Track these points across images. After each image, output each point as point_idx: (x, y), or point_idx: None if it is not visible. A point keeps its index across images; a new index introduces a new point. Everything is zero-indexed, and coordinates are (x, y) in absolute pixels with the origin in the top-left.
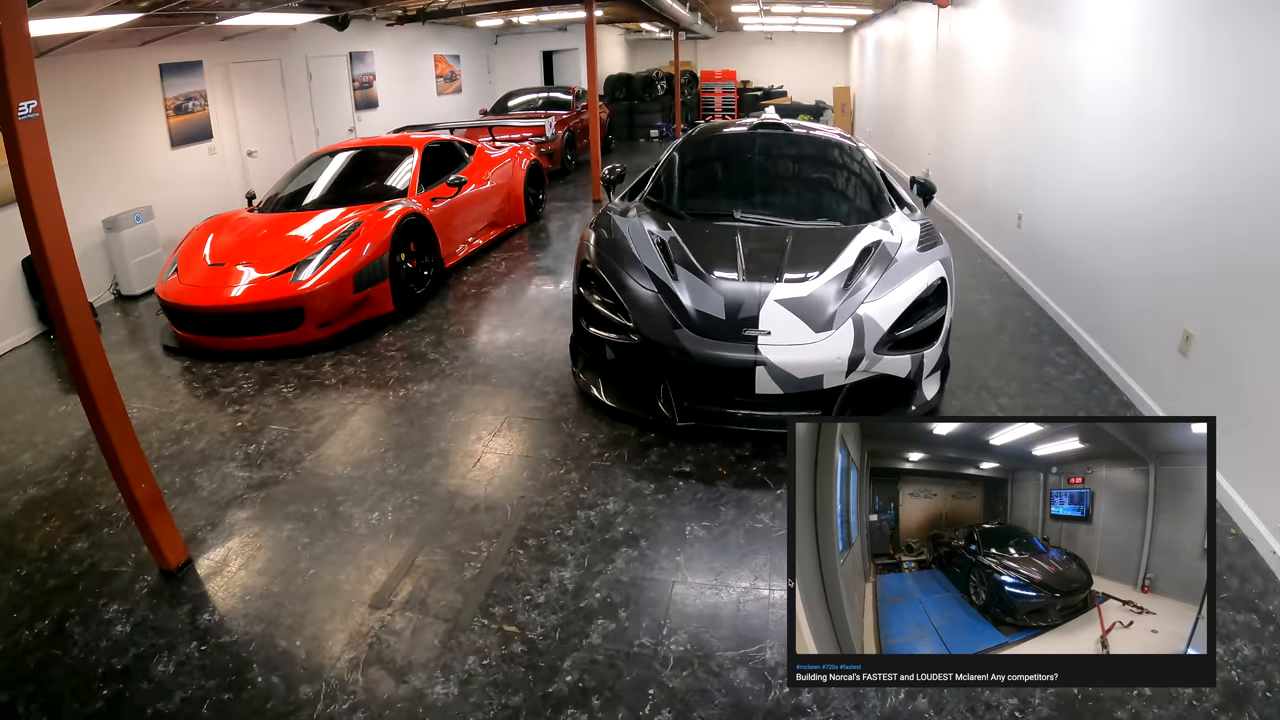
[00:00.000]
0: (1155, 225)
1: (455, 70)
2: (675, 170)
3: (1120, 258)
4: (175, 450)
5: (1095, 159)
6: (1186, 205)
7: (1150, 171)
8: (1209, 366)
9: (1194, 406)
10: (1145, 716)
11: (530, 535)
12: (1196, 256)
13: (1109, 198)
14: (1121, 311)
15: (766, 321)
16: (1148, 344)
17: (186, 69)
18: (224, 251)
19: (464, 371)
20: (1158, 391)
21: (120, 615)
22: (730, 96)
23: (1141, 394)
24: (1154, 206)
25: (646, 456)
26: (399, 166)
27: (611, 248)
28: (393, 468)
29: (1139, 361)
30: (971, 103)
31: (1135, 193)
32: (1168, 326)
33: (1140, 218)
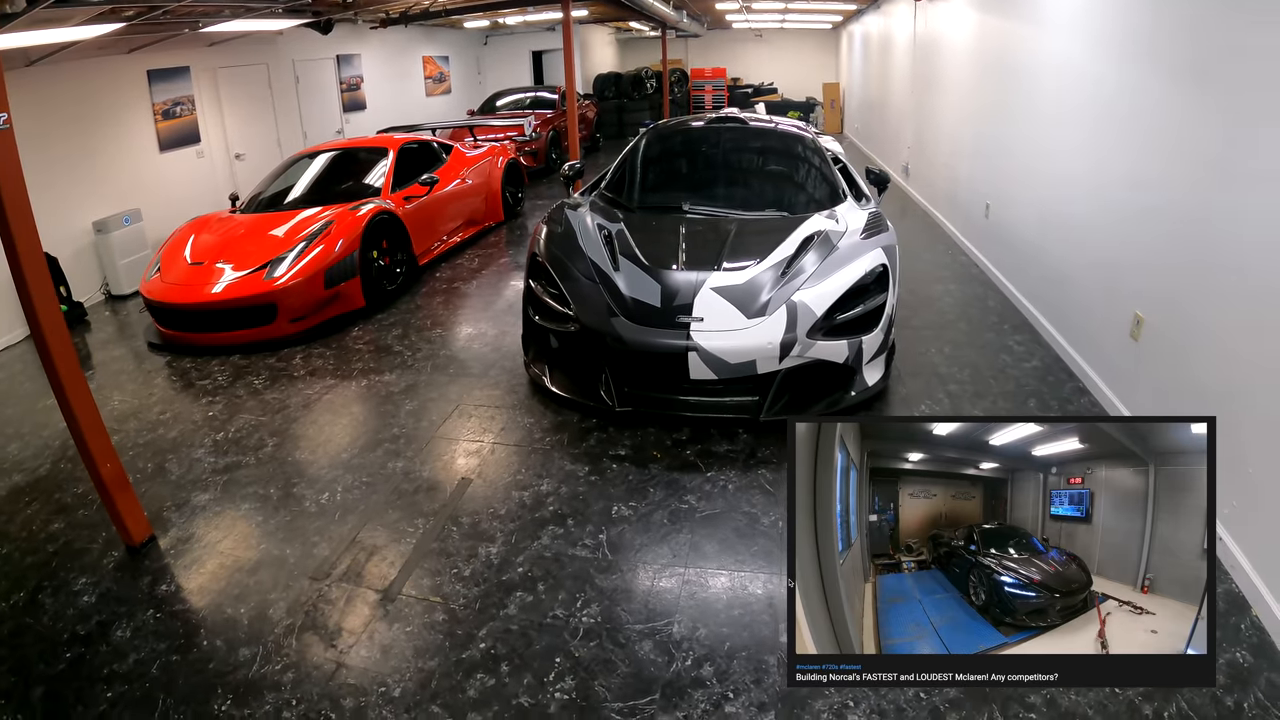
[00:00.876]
0: (1108, 212)
1: (444, 71)
2: (635, 164)
3: (1077, 245)
4: (150, 439)
5: (1056, 147)
6: (1137, 192)
7: (1104, 158)
8: (1159, 350)
9: (1145, 391)
10: None
11: (465, 514)
12: (1146, 242)
13: (1068, 184)
14: (1078, 298)
15: (701, 309)
16: (1101, 329)
17: (174, 74)
18: (204, 251)
19: (424, 363)
20: (1111, 377)
21: (87, 587)
22: (720, 94)
23: (1096, 379)
24: (1107, 193)
25: (585, 441)
26: (375, 167)
27: (561, 241)
28: (347, 452)
29: (1093, 347)
30: (945, 96)
31: (1091, 180)
32: (1119, 311)
33: (1095, 205)
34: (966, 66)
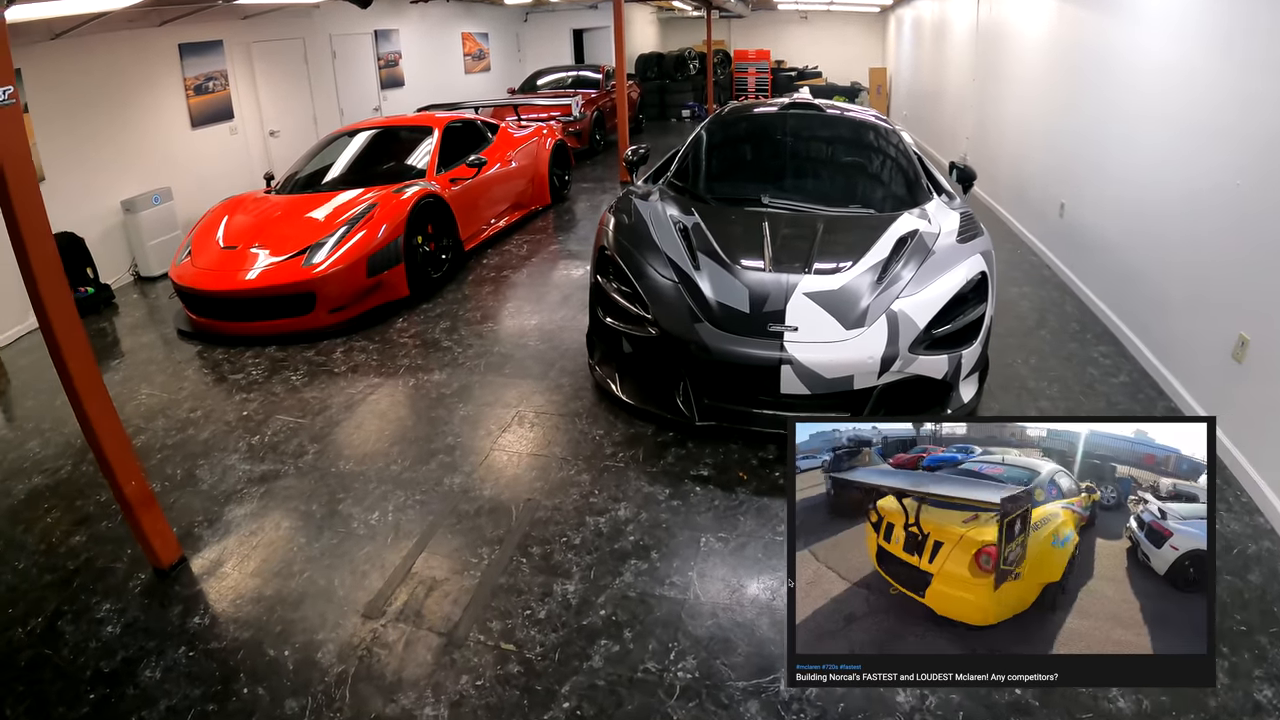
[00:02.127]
0: (1209, 221)
1: (484, 48)
2: (701, 152)
3: (1170, 254)
4: (179, 440)
5: (1145, 147)
6: (1244, 201)
7: (1205, 163)
8: (1269, 376)
9: (1249, 415)
10: None
11: (535, 542)
12: (1255, 257)
13: (1159, 188)
14: (1170, 312)
15: (794, 316)
16: (1197, 348)
17: (206, 49)
18: (237, 234)
19: (477, 361)
20: (1207, 399)
21: (112, 615)
22: (764, 77)
23: (1189, 399)
24: (1208, 200)
25: (663, 458)
26: (418, 147)
27: (631, 233)
28: (396, 464)
29: (1188, 366)
30: (1012, 86)
31: (1188, 185)
32: (1220, 330)
33: (1193, 212)
34: (1039, 56)
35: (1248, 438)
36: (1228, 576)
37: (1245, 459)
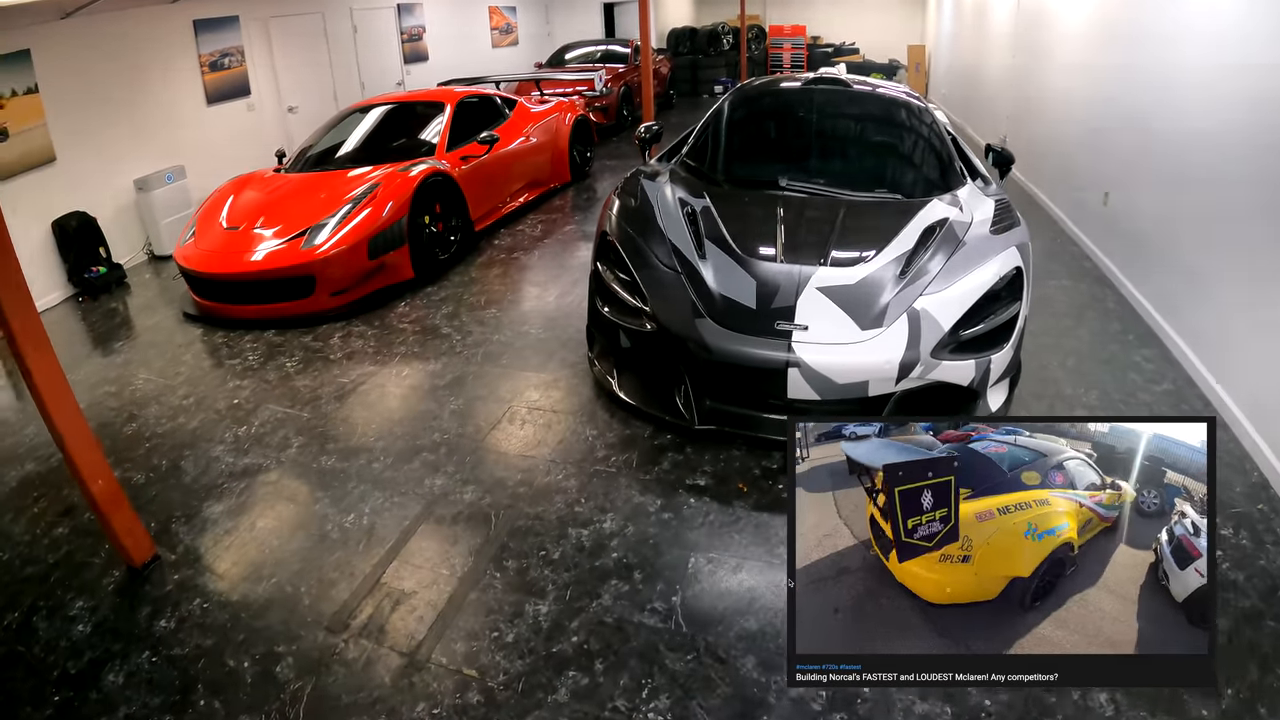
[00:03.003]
0: (1269, 218)
1: (511, 22)
2: (720, 129)
3: (1221, 252)
4: (169, 429)
5: (1201, 137)
6: None
7: (1266, 160)
8: None
9: None
10: None
11: (511, 555)
12: None
13: (1213, 179)
14: (1221, 316)
15: (804, 313)
16: (1251, 358)
17: (221, 24)
18: (241, 214)
19: (474, 350)
20: (1259, 418)
21: (84, 613)
22: (799, 53)
23: (1238, 414)
24: (1270, 198)
25: (658, 464)
26: (430, 123)
27: (635, 217)
28: (379, 461)
29: (1239, 378)
30: (1054, 65)
31: (1246, 181)
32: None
33: (1249, 208)
34: (1082, 38)
35: None
36: (1270, 623)
37: None
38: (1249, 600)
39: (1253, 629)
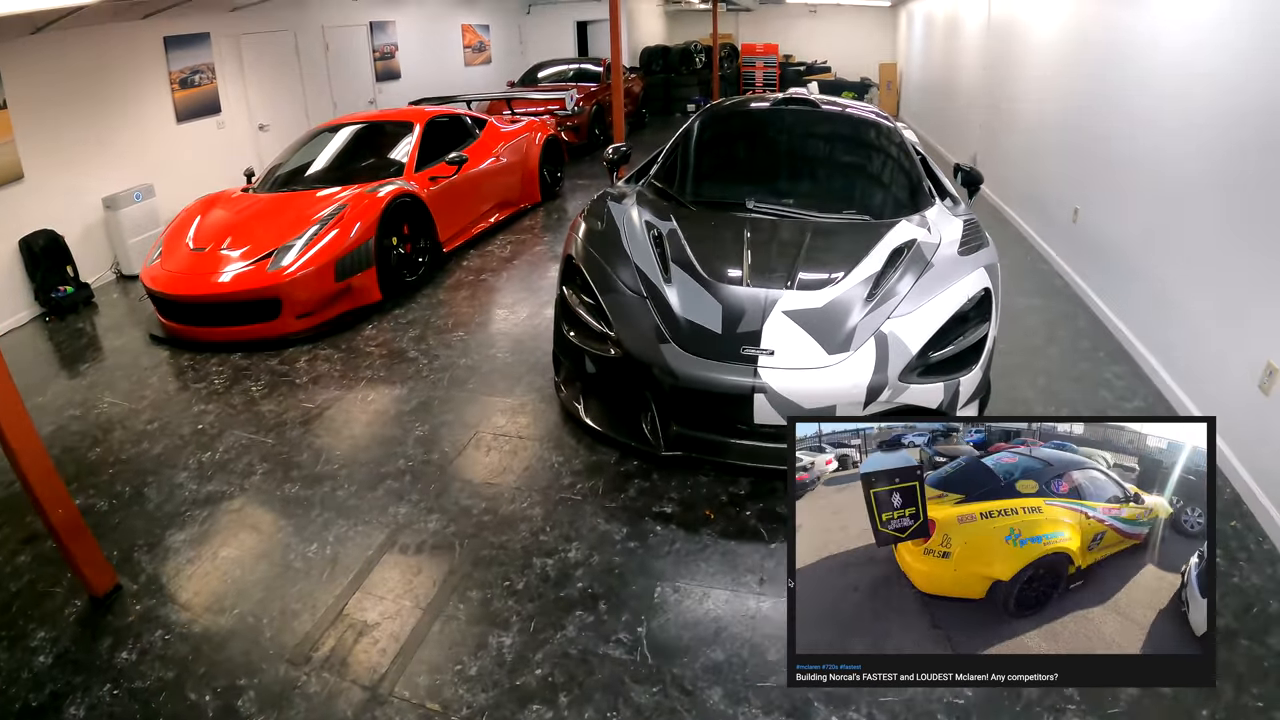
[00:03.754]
0: (1237, 236)
1: (484, 40)
2: (688, 150)
3: (1192, 271)
4: (132, 454)
5: (1166, 152)
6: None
7: (1233, 171)
8: None
9: (1276, 452)
10: None
11: (475, 585)
12: None
13: (1182, 196)
14: (1190, 332)
15: (771, 338)
16: (1222, 374)
17: (192, 41)
18: (208, 235)
19: (441, 375)
20: (1230, 430)
21: (45, 644)
22: (772, 71)
23: (1219, 442)
24: (1239, 215)
25: (624, 491)
26: (399, 143)
27: (601, 241)
28: (343, 489)
29: (1209, 393)
30: (1025, 84)
31: (1213, 194)
32: (1247, 357)
33: (1220, 226)
34: (1053, 53)
35: (1273, 478)
36: (1244, 641)
37: (1269, 501)
38: (1223, 619)
39: (1228, 649)
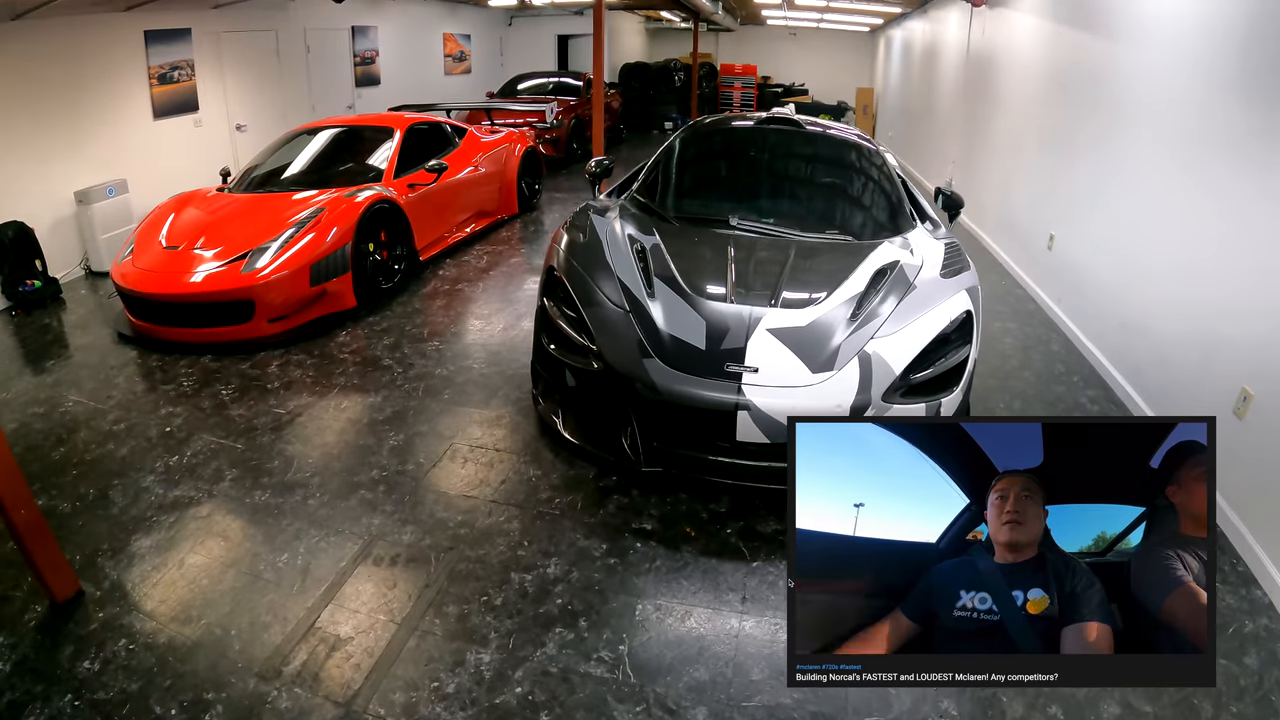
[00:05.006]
0: (1211, 265)
1: (465, 50)
2: (671, 165)
3: (1165, 300)
4: (97, 455)
5: (1144, 184)
6: (1251, 252)
7: (1206, 201)
8: (1272, 433)
9: (1251, 477)
10: None
11: (452, 600)
12: (1261, 310)
13: (1157, 227)
14: (1164, 358)
15: (755, 355)
16: (1195, 397)
17: (173, 36)
18: (181, 233)
19: (416, 383)
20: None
21: (3, 650)
22: (750, 92)
23: None
24: (1210, 244)
25: (603, 507)
26: (378, 148)
27: (584, 253)
28: (315, 498)
29: (1179, 411)
30: (1002, 111)
31: (1187, 228)
32: (1220, 383)
33: (1191, 257)
34: (1032, 81)
35: (1249, 502)
36: (1222, 660)
37: (1244, 525)
38: None
39: None
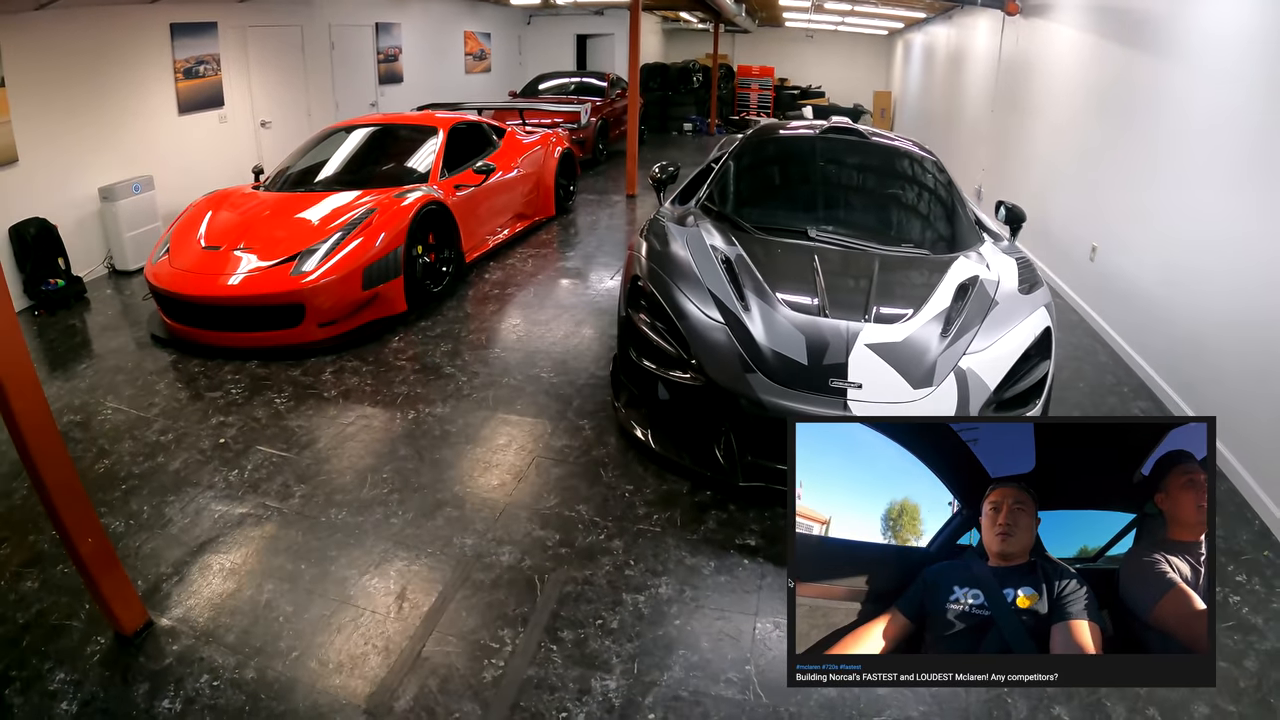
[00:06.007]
0: (1262, 281)
1: (485, 49)
2: (740, 174)
3: (1223, 322)
4: (147, 469)
5: (1190, 194)
6: None
7: (1258, 215)
8: None
9: None
10: None
11: (565, 624)
12: None
13: (1203, 239)
14: (1218, 375)
15: (857, 371)
16: (1252, 417)
17: (199, 30)
18: (221, 233)
19: (484, 393)
20: (1266, 480)
21: (67, 687)
22: (766, 94)
23: (1247, 479)
24: (1260, 254)
25: (703, 522)
26: (421, 148)
27: (667, 262)
28: (397, 516)
29: (1242, 438)
30: (1038, 121)
31: (1237, 237)
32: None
33: (1245, 271)
34: (1072, 93)
35: None
36: None
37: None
38: None
39: None
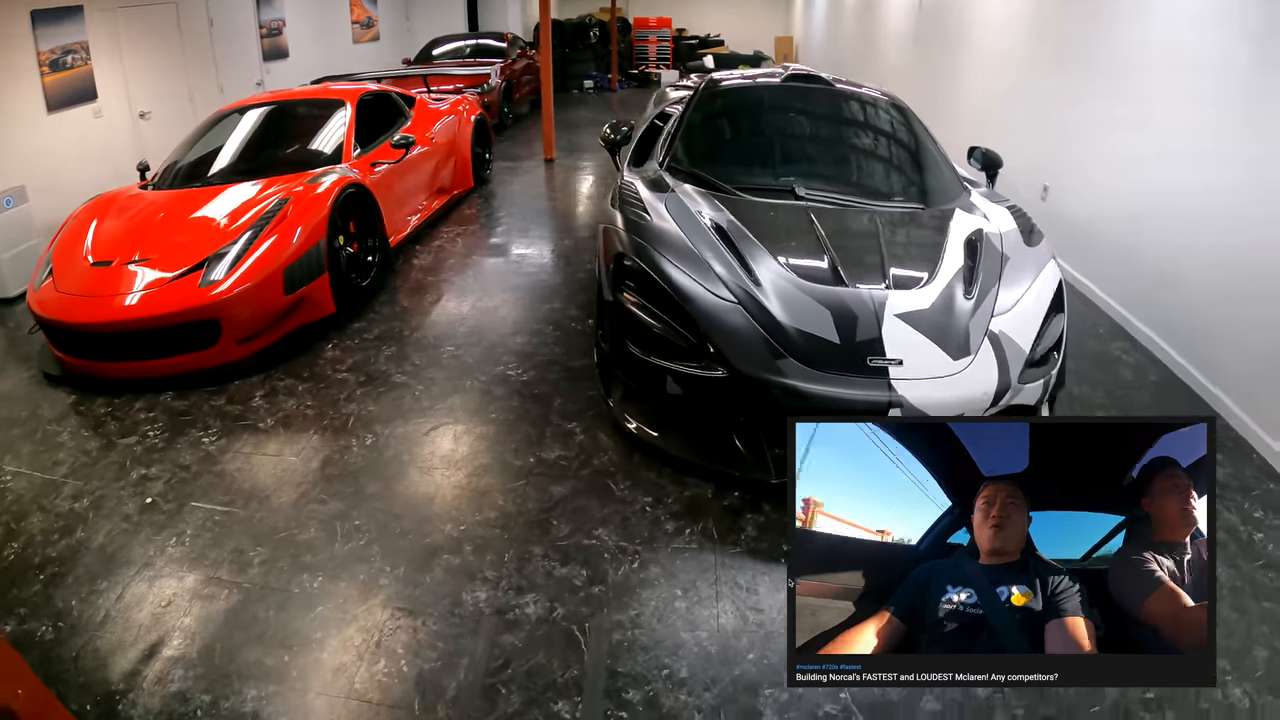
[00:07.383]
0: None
1: (372, 16)
2: (704, 131)
3: (1185, 244)
4: (66, 549)
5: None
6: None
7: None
8: None
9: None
10: None
11: (628, 682)
12: None
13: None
14: (1189, 303)
15: (894, 345)
16: (1226, 340)
17: (64, 15)
18: (111, 245)
19: (447, 402)
20: (1240, 398)
21: None
22: (665, 45)
23: (1229, 403)
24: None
25: (741, 530)
26: (328, 125)
27: (655, 236)
28: (385, 574)
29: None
30: (970, 54)
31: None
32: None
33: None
34: (1010, 18)
35: None
36: None
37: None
38: None
39: None
